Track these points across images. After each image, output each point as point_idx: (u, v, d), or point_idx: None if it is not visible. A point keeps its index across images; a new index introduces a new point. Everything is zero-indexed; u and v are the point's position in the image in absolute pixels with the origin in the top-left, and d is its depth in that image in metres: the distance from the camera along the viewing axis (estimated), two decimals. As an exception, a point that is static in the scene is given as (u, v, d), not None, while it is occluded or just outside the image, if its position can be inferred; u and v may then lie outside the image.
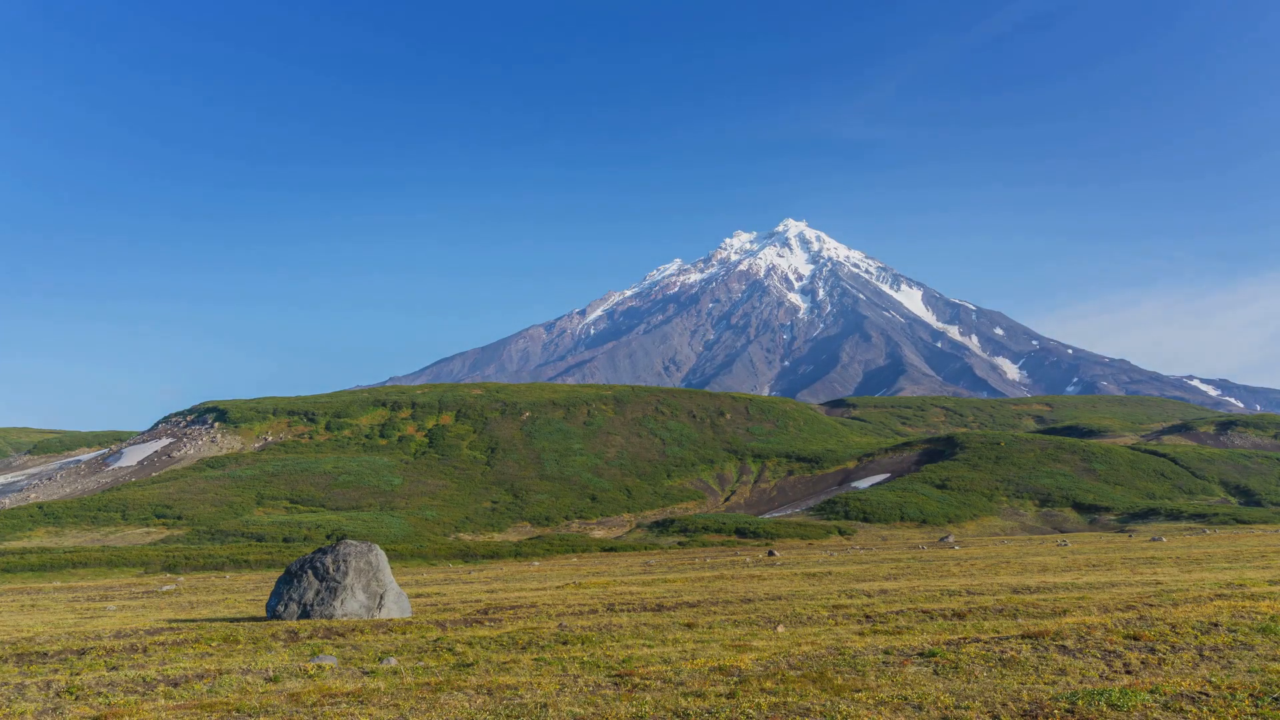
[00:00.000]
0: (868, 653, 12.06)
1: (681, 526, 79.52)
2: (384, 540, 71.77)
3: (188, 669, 13.22)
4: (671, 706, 9.43)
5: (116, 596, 33.75)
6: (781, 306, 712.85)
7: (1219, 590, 18.24)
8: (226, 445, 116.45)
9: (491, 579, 37.95)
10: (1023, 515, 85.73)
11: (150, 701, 10.95)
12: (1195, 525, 71.52)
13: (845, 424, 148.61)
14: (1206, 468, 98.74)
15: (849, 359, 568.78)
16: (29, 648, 16.21)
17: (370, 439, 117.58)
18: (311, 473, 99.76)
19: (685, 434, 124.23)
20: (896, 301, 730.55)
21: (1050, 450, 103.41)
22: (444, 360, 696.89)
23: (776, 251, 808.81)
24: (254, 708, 10.13)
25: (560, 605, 21.92)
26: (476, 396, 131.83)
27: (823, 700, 9.48)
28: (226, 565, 57.61)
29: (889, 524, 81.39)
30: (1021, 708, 8.91)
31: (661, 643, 14.66)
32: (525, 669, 12.48)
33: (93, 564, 57.64)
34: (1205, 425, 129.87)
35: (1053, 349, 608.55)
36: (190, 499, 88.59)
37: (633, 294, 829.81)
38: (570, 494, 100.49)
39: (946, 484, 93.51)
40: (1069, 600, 17.90)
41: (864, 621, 16.17)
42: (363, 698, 10.47)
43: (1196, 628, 12.78)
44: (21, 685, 11.93)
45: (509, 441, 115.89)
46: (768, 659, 12.03)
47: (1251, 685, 9.39)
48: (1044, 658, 11.32)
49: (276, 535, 75.34)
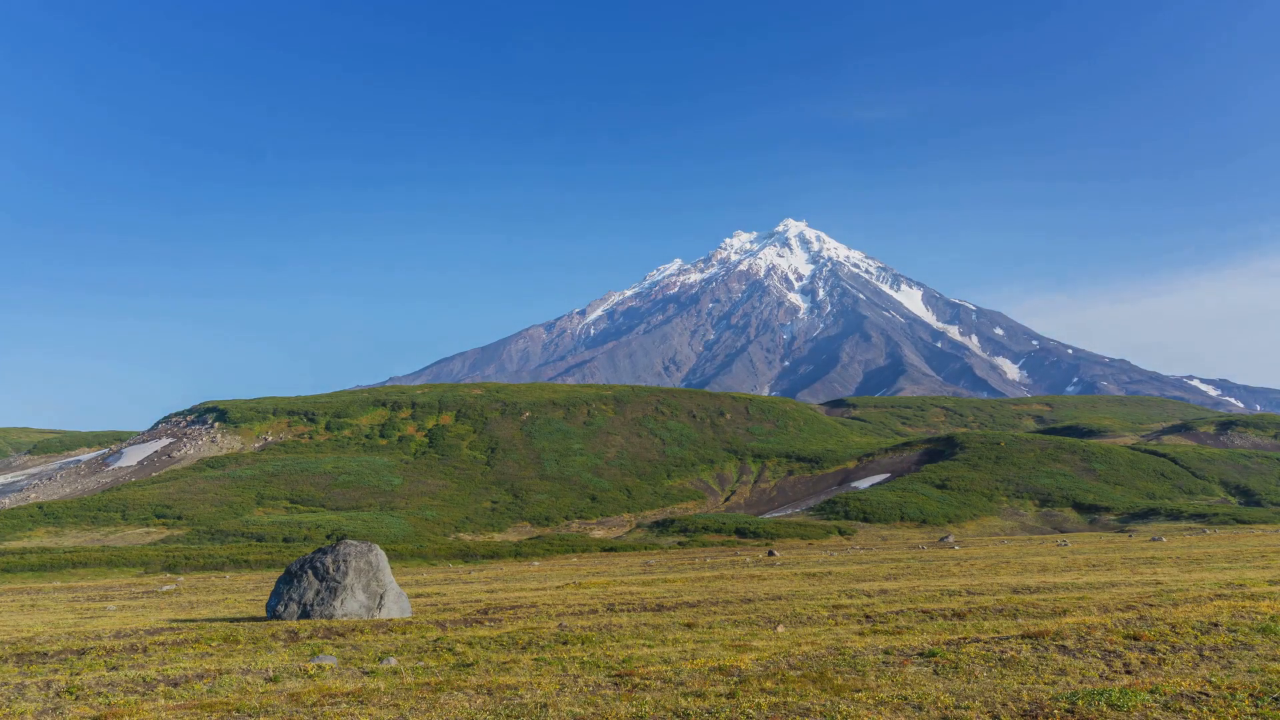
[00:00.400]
0: (868, 653, 12.06)
1: (681, 526, 79.54)
2: (384, 540, 71.78)
3: (188, 669, 13.22)
4: (671, 706, 9.43)
5: (116, 596, 33.75)
6: (781, 306, 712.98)
7: (1219, 590, 18.24)
8: (226, 445, 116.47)
9: (491, 579, 37.96)
10: (1023, 515, 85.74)
11: (150, 701, 10.95)
12: (1195, 525, 71.53)
13: (845, 424, 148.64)
14: (1206, 468, 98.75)
15: (849, 359, 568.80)
16: (29, 648, 16.22)
17: (370, 439, 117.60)
18: (311, 473, 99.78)
19: (685, 434, 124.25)
20: (896, 301, 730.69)
21: (1050, 450, 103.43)
22: (444, 360, 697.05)
23: (776, 251, 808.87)
24: (254, 708, 10.13)
25: (560, 605, 21.92)
26: (476, 396, 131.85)
27: (823, 700, 9.49)
28: (226, 565, 57.62)
29: (889, 524, 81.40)
30: (1021, 708, 8.91)
31: (661, 643, 14.66)
32: (525, 669, 12.48)
33: (93, 564, 57.65)
34: (1205, 425, 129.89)
35: (1053, 349, 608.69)
36: (190, 499, 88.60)
37: (633, 294, 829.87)
38: (570, 494, 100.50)
39: (946, 484, 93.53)
40: (1069, 600, 17.90)
41: (864, 621, 16.17)
42: (363, 698, 10.47)
43: (1196, 628, 12.79)
44: (21, 685, 11.94)
45: (509, 441, 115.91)
46: (768, 659, 12.03)
47: (1251, 685, 9.39)
48: (1044, 658, 11.33)
49: (276, 535, 75.37)
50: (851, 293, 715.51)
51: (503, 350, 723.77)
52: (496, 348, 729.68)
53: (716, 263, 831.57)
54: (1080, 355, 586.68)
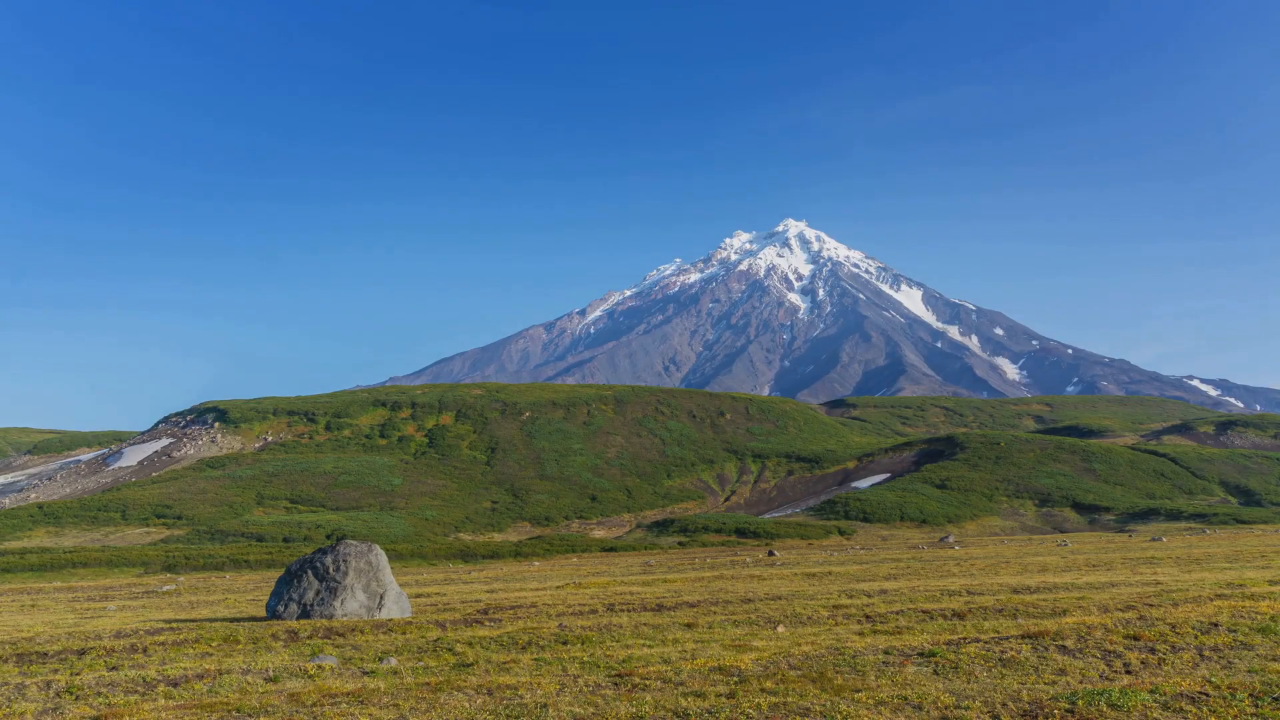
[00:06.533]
0: (868, 653, 12.05)
1: (681, 526, 79.51)
2: (384, 540, 71.77)
3: (188, 669, 13.22)
4: (671, 706, 9.42)
5: (116, 596, 33.74)
6: (781, 306, 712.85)
7: (1219, 590, 18.23)
8: (226, 445, 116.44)
9: (491, 579, 37.95)
10: (1023, 515, 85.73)
11: (150, 701, 10.95)
12: (1195, 525, 71.52)
13: (845, 424, 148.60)
14: (1206, 468, 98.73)
15: (849, 359, 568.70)
16: (29, 648, 16.21)
17: (370, 439, 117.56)
18: (311, 473, 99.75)
19: (685, 434, 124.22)
20: (896, 301, 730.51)
21: (1050, 450, 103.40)
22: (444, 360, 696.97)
23: (776, 251, 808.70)
24: (254, 708, 10.13)
25: (560, 605, 21.91)
26: (476, 396, 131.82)
27: (823, 700, 9.48)
28: (226, 565, 57.61)
29: (889, 524, 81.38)
30: (1021, 708, 8.91)
31: (661, 643, 14.66)
32: (525, 669, 12.48)
33: (93, 564, 57.65)
34: (1205, 425, 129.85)
35: (1053, 349, 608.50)
36: (190, 499, 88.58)
37: (632, 294, 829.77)
38: (570, 494, 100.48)
39: (946, 484, 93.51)
40: (1069, 600, 17.89)
41: (864, 621, 16.16)
42: (363, 698, 10.47)
43: (1196, 628, 12.78)
44: (21, 685, 11.93)
45: (509, 441, 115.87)
46: (768, 659, 12.03)
47: (1251, 685, 9.39)
48: (1044, 658, 11.32)
49: (276, 535, 75.36)
50: (851, 293, 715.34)
51: (503, 350, 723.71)
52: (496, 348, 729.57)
53: (716, 263, 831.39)
54: (1080, 355, 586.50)
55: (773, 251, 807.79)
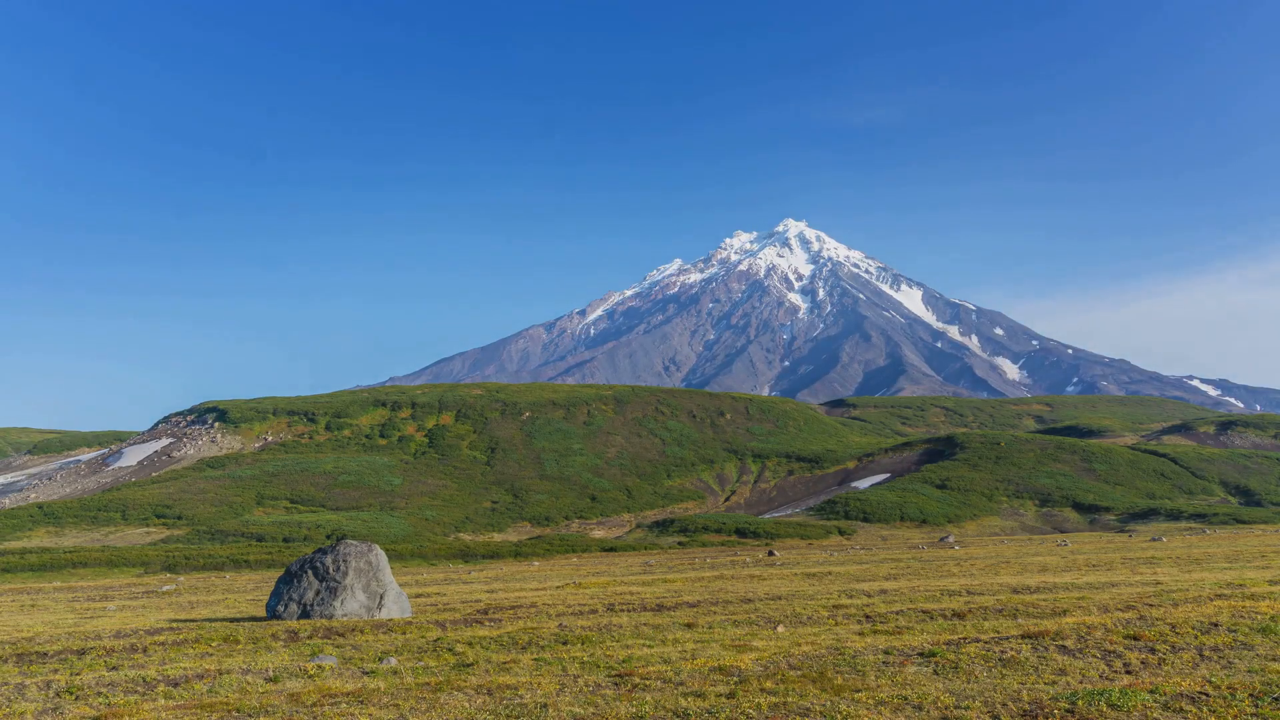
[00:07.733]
0: (868, 653, 12.06)
1: (681, 526, 79.52)
2: (384, 540, 71.78)
3: (188, 669, 13.22)
4: (671, 706, 9.43)
5: (116, 596, 33.75)
6: (781, 306, 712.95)
7: (1219, 590, 18.24)
8: (226, 445, 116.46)
9: (491, 579, 37.95)
10: (1023, 515, 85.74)
11: (150, 701, 10.95)
12: (1195, 525, 71.53)
13: (845, 424, 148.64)
14: (1206, 468, 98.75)
15: (849, 359, 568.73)
16: (29, 648, 16.22)
17: (370, 439, 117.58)
18: (311, 473, 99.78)
19: (685, 434, 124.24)
20: (896, 301, 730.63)
21: (1050, 450, 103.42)
22: (444, 360, 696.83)
23: (776, 251, 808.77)
24: (254, 708, 10.13)
25: (560, 605, 21.91)
26: (476, 396, 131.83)
27: (823, 700, 9.49)
28: (226, 565, 57.62)
29: (889, 524, 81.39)
30: (1021, 708, 8.91)
31: (661, 643, 14.66)
32: (525, 669, 12.48)
33: (93, 564, 57.66)
34: (1205, 425, 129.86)
35: (1053, 349, 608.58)
36: (190, 499, 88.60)
37: (633, 294, 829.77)
38: (570, 494, 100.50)
39: (946, 484, 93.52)
40: (1069, 600, 17.90)
41: (864, 621, 16.17)
42: (363, 698, 10.47)
43: (1196, 628, 12.78)
44: (21, 685, 11.93)
45: (509, 441, 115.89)
46: (768, 659, 12.03)
47: (1251, 685, 9.39)
48: (1044, 658, 11.33)
49: (276, 535, 75.37)
50: (851, 293, 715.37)
51: (503, 350, 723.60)
52: (496, 348, 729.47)
53: (716, 263, 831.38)
54: (1080, 355, 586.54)
55: (773, 251, 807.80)
